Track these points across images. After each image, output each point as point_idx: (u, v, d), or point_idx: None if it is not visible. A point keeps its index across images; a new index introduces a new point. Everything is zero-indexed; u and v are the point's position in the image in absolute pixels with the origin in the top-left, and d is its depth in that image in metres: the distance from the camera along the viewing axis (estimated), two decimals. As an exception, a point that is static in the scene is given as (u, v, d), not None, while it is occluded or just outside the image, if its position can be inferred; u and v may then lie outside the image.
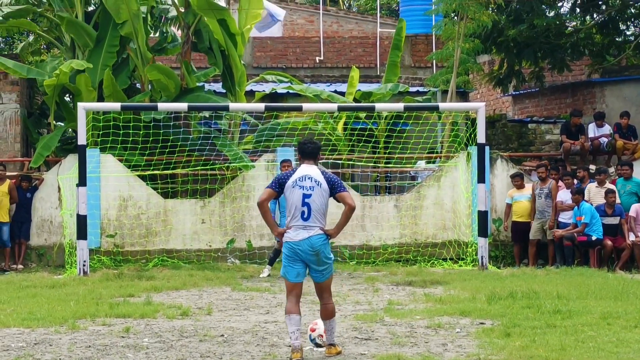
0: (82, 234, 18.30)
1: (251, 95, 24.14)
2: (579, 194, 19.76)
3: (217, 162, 21.10)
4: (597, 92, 25.75)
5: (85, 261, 18.15)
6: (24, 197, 20.48)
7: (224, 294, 15.48)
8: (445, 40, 24.81)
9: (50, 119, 22.68)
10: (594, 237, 19.49)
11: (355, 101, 23.48)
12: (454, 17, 25.07)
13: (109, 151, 20.40)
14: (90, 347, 10.75)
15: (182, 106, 19.74)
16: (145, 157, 20.85)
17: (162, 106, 19.98)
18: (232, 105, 20.67)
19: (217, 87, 24.62)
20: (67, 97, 23.76)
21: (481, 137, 19.19)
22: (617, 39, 27.01)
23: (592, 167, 21.90)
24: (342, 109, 21.06)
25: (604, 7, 26.43)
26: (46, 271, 19.31)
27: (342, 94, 23.96)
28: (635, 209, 19.77)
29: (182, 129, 21.65)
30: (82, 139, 18.51)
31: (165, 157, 20.68)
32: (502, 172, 21.25)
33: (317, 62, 30.61)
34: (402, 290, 15.87)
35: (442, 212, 20.88)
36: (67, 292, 15.24)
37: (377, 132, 23.33)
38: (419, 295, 14.97)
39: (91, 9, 23.72)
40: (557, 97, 27.76)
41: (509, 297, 13.92)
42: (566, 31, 26.11)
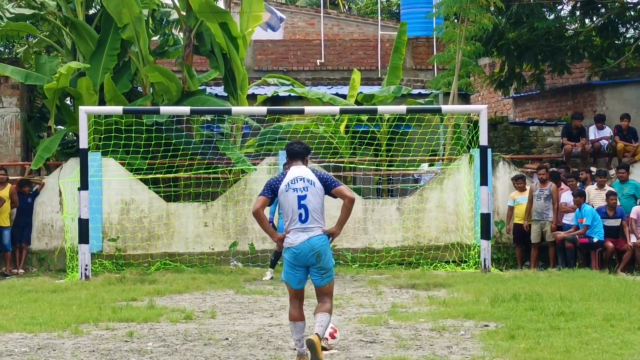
0: (84, 238, 18.29)
1: (253, 98, 24.15)
2: (580, 196, 19.76)
3: (219, 165, 21.10)
4: (598, 95, 25.75)
5: (87, 265, 18.15)
6: (24, 202, 20.46)
7: (228, 297, 15.46)
8: (446, 42, 24.83)
9: (50, 123, 22.68)
10: (595, 239, 19.49)
11: (357, 104, 23.48)
12: (455, 20, 25.08)
13: (110, 155, 20.39)
14: (94, 351, 10.72)
15: (185, 110, 19.73)
16: (147, 161, 20.84)
17: (165, 109, 19.98)
18: (235, 108, 20.66)
19: (219, 90, 24.64)
20: (68, 101, 23.76)
21: (483, 140, 19.19)
22: (616, 42, 27.01)
23: (593, 170, 21.90)
24: (344, 112, 21.07)
25: (603, 10, 26.42)
26: (47, 275, 19.32)
27: (344, 97, 23.97)
28: (636, 211, 19.77)
29: (185, 133, 21.65)
30: (83, 143, 18.50)
31: (167, 160, 20.67)
32: (504, 174, 21.24)
33: (318, 64, 30.64)
34: (405, 293, 15.85)
35: (445, 214, 20.87)
36: (69, 297, 15.21)
37: (379, 135, 23.33)
38: (422, 298, 14.96)
39: (92, 12, 23.73)
40: (557, 100, 27.76)
41: (512, 299, 13.91)
42: (566, 34, 26.12)
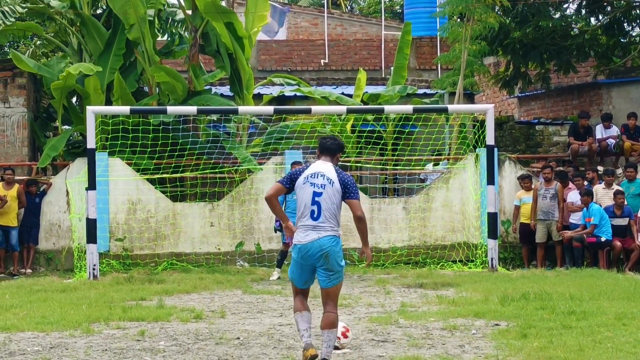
0: (91, 237, 18.29)
1: (258, 98, 24.16)
2: (588, 196, 19.75)
3: (225, 165, 21.10)
4: (604, 94, 25.75)
5: (95, 265, 18.15)
6: (32, 202, 20.48)
7: (236, 296, 15.45)
8: (451, 42, 24.83)
9: (57, 123, 22.69)
10: (603, 238, 19.48)
11: (362, 104, 23.48)
12: (459, 20, 25.10)
13: (117, 155, 20.40)
14: (106, 350, 10.73)
15: (192, 109, 19.73)
16: (154, 161, 20.85)
17: (172, 109, 19.98)
18: (242, 108, 20.65)
19: (225, 90, 24.65)
20: (74, 101, 23.77)
21: (490, 139, 19.18)
22: (622, 40, 27.01)
23: (599, 169, 21.90)
24: (351, 112, 21.08)
25: (609, 9, 26.44)
26: (55, 275, 19.31)
27: (350, 97, 23.97)
28: (643, 210, 19.79)
29: (191, 132, 21.65)
30: (91, 143, 18.50)
31: (174, 160, 20.67)
32: (510, 173, 21.24)
33: (322, 64, 30.65)
34: (413, 292, 15.84)
35: (451, 214, 20.87)
36: (78, 296, 15.21)
37: (385, 135, 23.34)
38: (431, 297, 14.95)
39: (98, 12, 23.74)
40: (563, 99, 27.76)
41: (521, 298, 13.90)
42: (572, 33, 26.12)
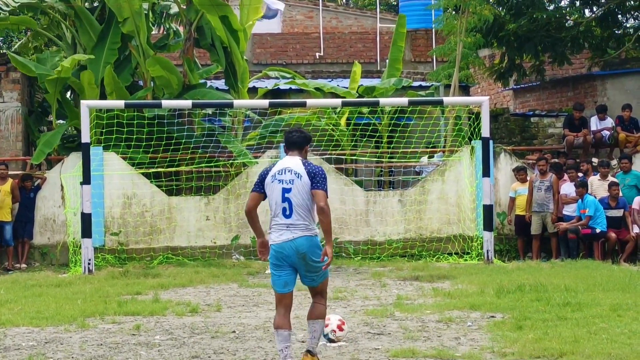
0: (86, 232, 18.26)
1: (253, 91, 24.12)
2: (582, 187, 19.76)
3: (220, 159, 21.08)
4: (599, 85, 25.75)
5: (90, 259, 18.12)
6: (26, 197, 20.45)
7: (232, 290, 15.45)
8: (446, 35, 24.79)
9: (51, 117, 22.64)
10: (598, 230, 19.50)
11: (358, 96, 23.45)
12: (454, 12, 25.05)
13: (112, 149, 20.37)
14: (101, 345, 10.72)
15: (187, 103, 19.70)
16: (149, 155, 20.83)
17: (167, 103, 19.95)
18: (237, 102, 20.62)
19: (220, 83, 24.62)
20: (69, 95, 23.72)
21: (485, 131, 19.17)
22: (617, 32, 26.98)
23: (594, 160, 21.91)
24: (346, 104, 21.06)
25: (603, 0, 26.41)
26: (50, 270, 19.28)
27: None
28: (638, 201, 19.81)
29: (186, 126, 21.62)
30: (85, 137, 18.46)
31: (169, 154, 20.65)
32: (506, 165, 21.24)
33: (317, 58, 30.62)
34: (409, 285, 15.85)
35: (447, 206, 20.87)
36: (73, 291, 15.20)
37: (380, 127, 23.33)
38: (427, 289, 14.95)
39: (92, 5, 23.68)
40: (558, 91, 27.75)
41: (517, 290, 13.91)
42: (566, 24, 26.08)
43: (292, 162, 9.13)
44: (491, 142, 20.02)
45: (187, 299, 14.19)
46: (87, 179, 18.33)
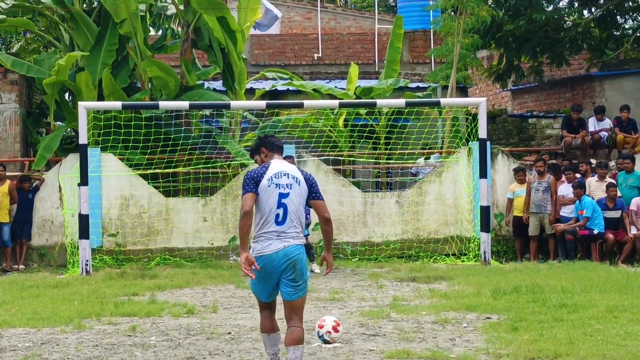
0: (84, 233, 18.27)
1: (251, 92, 24.14)
2: (580, 188, 19.76)
3: (218, 159, 21.08)
4: (597, 86, 25.77)
5: (87, 260, 18.13)
6: (25, 198, 20.46)
7: (228, 291, 15.45)
8: (444, 35, 24.80)
9: (50, 119, 22.65)
10: (595, 231, 19.49)
11: (355, 97, 23.46)
12: (452, 13, 25.07)
13: (110, 150, 20.37)
14: (97, 346, 10.72)
15: (184, 104, 19.70)
16: (146, 156, 20.84)
17: (164, 104, 19.94)
18: (234, 103, 20.61)
19: (217, 85, 24.63)
20: (67, 96, 23.72)
21: (482, 132, 19.18)
22: (615, 33, 27.01)
23: (592, 162, 21.91)
24: (343, 105, 21.06)
25: (602, 1, 26.44)
26: (48, 271, 19.29)
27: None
28: (636, 202, 19.76)
29: (184, 127, 21.63)
30: (83, 138, 18.46)
31: (166, 155, 20.66)
32: (503, 167, 21.26)
33: (316, 59, 30.59)
34: (406, 286, 15.85)
35: (444, 207, 20.88)
36: (70, 292, 15.21)
37: (377, 128, 23.34)
38: (423, 291, 14.96)
39: (89, 8, 23.68)
40: (556, 92, 27.77)
41: (513, 291, 13.91)
42: (565, 25, 26.11)
43: (287, 166, 8.69)
44: (488, 143, 20.04)
45: (184, 300, 14.19)
46: (84, 180, 18.33)
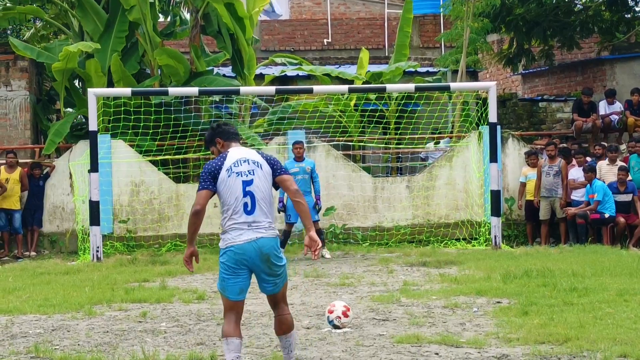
0: (94, 220, 18.31)
1: (260, 78, 24.12)
2: (591, 172, 19.71)
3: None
4: (607, 70, 25.67)
5: (98, 247, 18.17)
6: (35, 185, 20.52)
7: (239, 277, 15.43)
8: (453, 20, 24.74)
9: (59, 105, 22.69)
10: (606, 215, 19.45)
11: (365, 82, 23.43)
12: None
13: (120, 137, 20.40)
14: (108, 332, 10.74)
15: (193, 90, 19.69)
16: (156, 142, 20.85)
17: (173, 91, 19.94)
18: (244, 88, 20.60)
19: (227, 70, 24.62)
20: (77, 83, 23.75)
21: (492, 117, 19.13)
22: (626, 16, 26.88)
23: (604, 145, 21.83)
24: (353, 91, 21.02)
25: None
26: (59, 258, 19.35)
27: (352, 76, 23.94)
28: (647, 185, 19.74)
29: (193, 114, 21.64)
30: (93, 125, 18.49)
31: (176, 141, 20.68)
32: (514, 151, 21.21)
33: (325, 44, 30.54)
34: (416, 270, 15.84)
35: (455, 192, 20.86)
36: (81, 278, 15.24)
37: (387, 114, 23.31)
38: (433, 275, 14.95)
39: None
40: (566, 75, 27.68)
41: (524, 275, 13.89)
42: (575, 9, 26.01)
43: (244, 152, 8.18)
44: (499, 127, 19.99)
45: (194, 286, 14.21)
46: (94, 167, 18.37)
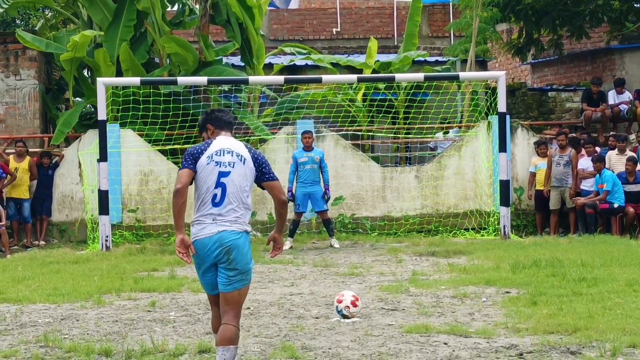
0: (104, 209, 18.33)
1: (269, 67, 24.10)
2: (600, 162, 19.67)
3: (236, 135, 21.06)
4: (617, 59, 25.59)
5: (107, 236, 18.19)
6: (44, 174, 20.55)
7: (247, 266, 15.44)
8: (462, 9, 24.68)
9: (68, 95, 22.70)
10: (615, 205, 19.41)
11: (374, 72, 23.40)
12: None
13: (129, 126, 20.41)
14: (117, 321, 10.76)
15: (202, 80, 19.68)
16: (165, 132, 20.86)
17: (182, 80, 19.94)
18: (252, 78, 20.58)
19: (236, 60, 24.60)
20: (86, 73, 23.76)
21: (502, 106, 19.08)
22: (635, 5, 26.75)
23: (610, 134, 21.80)
24: (362, 80, 21.00)
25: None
26: (68, 247, 19.36)
27: (361, 65, 23.92)
28: (657, 175, 19.70)
29: (202, 103, 21.64)
30: (102, 114, 18.50)
31: (185, 131, 20.68)
32: (523, 140, 21.17)
33: (334, 33, 30.51)
34: (425, 260, 15.85)
35: (464, 182, 20.84)
36: (90, 268, 15.27)
37: (396, 103, 23.28)
38: (442, 265, 14.95)
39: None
40: (576, 65, 27.60)
41: (533, 265, 13.88)
42: (584, -2, 25.92)
43: (231, 142, 7.76)
44: (508, 117, 19.94)
45: (203, 276, 14.21)
46: (103, 156, 18.38)
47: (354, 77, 20.72)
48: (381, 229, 20.37)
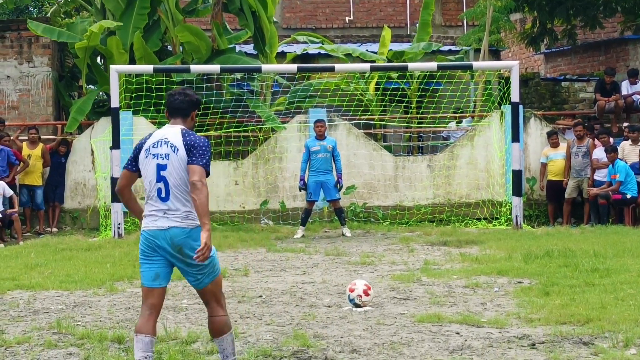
0: (116, 196, 18.33)
1: (282, 56, 24.10)
2: (613, 152, 19.61)
3: (249, 123, 21.09)
4: (630, 49, 25.50)
5: (120, 224, 18.23)
6: (57, 161, 20.61)
7: (259, 255, 15.49)
8: (476, -2, 24.62)
9: (81, 82, 22.73)
10: (628, 195, 19.37)
11: (387, 61, 23.37)
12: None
13: (141, 114, 20.43)
14: (129, 308, 10.79)
15: (215, 68, 19.67)
16: (178, 120, 20.82)
17: (195, 68, 19.93)
18: (265, 66, 20.57)
19: (249, 48, 24.58)
20: (99, 60, 23.79)
21: (515, 96, 19.03)
22: (650, -5, 26.69)
23: (625, 125, 21.73)
24: (375, 69, 20.96)
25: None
26: (80, 234, 19.42)
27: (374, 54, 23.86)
28: (670, 166, 19.63)
29: (215, 91, 21.64)
30: (115, 102, 18.53)
31: (197, 119, 20.60)
32: (536, 130, 21.13)
33: (347, 22, 30.48)
34: (437, 250, 15.84)
35: (476, 171, 20.81)
36: (103, 255, 15.30)
37: (409, 92, 23.24)
38: (454, 255, 14.94)
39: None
40: (589, 55, 27.52)
41: (545, 255, 13.85)
42: (598, -13, 25.83)
43: (169, 131, 7.35)
44: (521, 107, 19.90)
45: (215, 264, 14.22)
46: (116, 144, 18.41)
47: (367, 66, 20.67)
48: (393, 218, 20.36)
